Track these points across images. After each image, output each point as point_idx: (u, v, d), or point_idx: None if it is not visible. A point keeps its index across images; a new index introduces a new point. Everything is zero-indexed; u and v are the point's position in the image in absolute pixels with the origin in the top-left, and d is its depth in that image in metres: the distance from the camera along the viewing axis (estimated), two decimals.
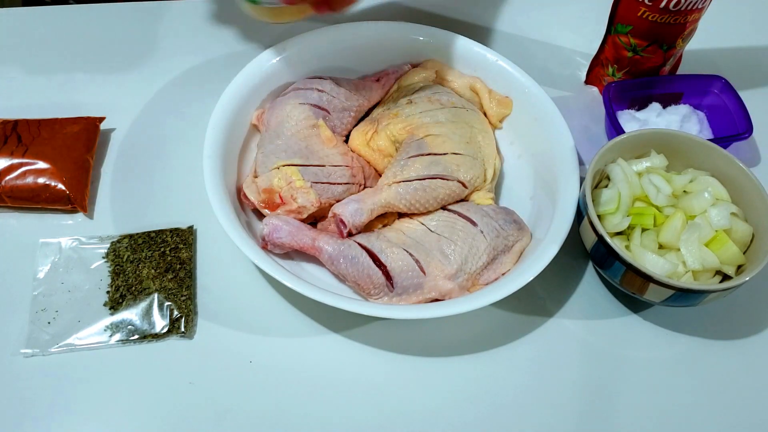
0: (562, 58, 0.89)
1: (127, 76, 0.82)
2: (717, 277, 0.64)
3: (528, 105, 0.75)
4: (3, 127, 0.71)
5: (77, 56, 0.83)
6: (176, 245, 0.68)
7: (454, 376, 0.64)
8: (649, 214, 0.65)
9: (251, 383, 0.62)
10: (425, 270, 0.63)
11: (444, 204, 0.68)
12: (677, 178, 0.68)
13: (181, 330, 0.64)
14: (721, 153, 0.67)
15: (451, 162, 0.68)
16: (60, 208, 0.70)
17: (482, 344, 0.66)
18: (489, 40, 0.80)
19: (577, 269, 0.71)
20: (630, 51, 0.78)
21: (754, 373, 0.66)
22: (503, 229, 0.66)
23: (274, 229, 0.65)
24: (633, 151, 0.70)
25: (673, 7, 0.72)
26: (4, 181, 0.68)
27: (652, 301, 0.64)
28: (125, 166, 0.75)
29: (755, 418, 0.63)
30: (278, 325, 0.66)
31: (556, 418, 0.62)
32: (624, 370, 0.65)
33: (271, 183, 0.67)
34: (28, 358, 0.62)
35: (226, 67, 0.79)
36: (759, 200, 0.65)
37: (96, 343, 0.63)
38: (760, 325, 0.69)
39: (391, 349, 0.65)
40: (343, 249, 0.64)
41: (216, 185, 0.65)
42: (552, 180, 0.70)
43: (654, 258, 0.63)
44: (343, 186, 0.68)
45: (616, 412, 0.63)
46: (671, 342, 0.67)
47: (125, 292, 0.65)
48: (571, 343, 0.66)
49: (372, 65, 0.79)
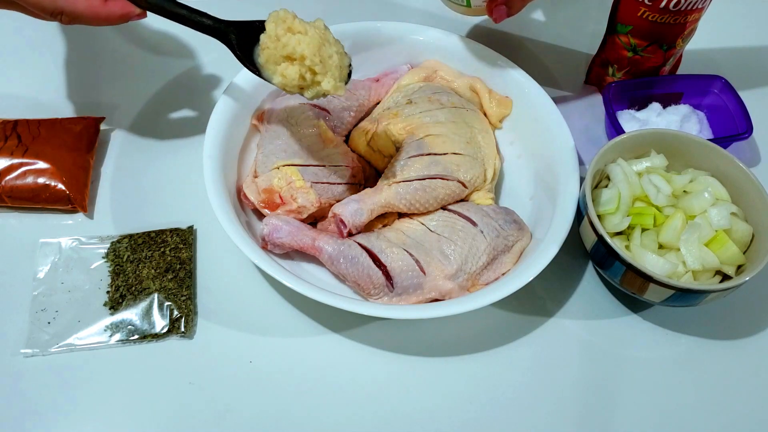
0: (562, 58, 0.89)
1: (127, 76, 0.82)
2: (717, 277, 0.64)
3: (528, 105, 0.75)
4: (3, 127, 0.71)
5: (77, 56, 0.83)
6: (176, 245, 0.68)
7: (454, 376, 0.64)
8: (649, 214, 0.65)
9: (251, 383, 0.62)
10: (425, 270, 0.63)
11: (444, 204, 0.68)
12: (677, 178, 0.68)
13: (181, 330, 0.64)
14: (721, 153, 0.67)
15: (451, 162, 0.68)
16: (60, 208, 0.70)
17: (482, 344, 0.66)
18: (489, 40, 0.80)
19: (577, 269, 0.71)
20: (630, 51, 0.78)
21: (754, 373, 0.66)
22: (503, 229, 0.66)
23: (274, 229, 0.65)
24: (633, 151, 0.70)
25: (673, 7, 0.72)
26: (4, 181, 0.68)
27: (652, 301, 0.64)
28: (125, 166, 0.75)
29: (755, 418, 0.63)
30: (278, 325, 0.66)
31: (556, 418, 0.62)
32: (624, 370, 0.65)
33: (271, 183, 0.67)
34: (28, 358, 0.62)
35: (226, 67, 0.79)
36: (759, 200, 0.65)
37: (96, 343, 0.63)
38: (760, 325, 0.69)
39: (391, 349, 0.65)
40: (343, 249, 0.64)
41: (216, 185, 0.65)
42: (552, 180, 0.70)
43: (654, 258, 0.63)
44: (343, 186, 0.68)
45: (616, 412, 0.63)
46: (671, 342, 0.67)
47: (125, 292, 0.65)
48: (571, 343, 0.66)
49: (372, 65, 0.79)
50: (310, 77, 0.60)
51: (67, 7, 0.58)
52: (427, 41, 0.78)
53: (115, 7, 0.60)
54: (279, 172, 0.67)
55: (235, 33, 0.63)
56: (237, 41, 0.62)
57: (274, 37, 0.60)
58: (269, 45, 0.60)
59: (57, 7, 0.58)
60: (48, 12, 0.59)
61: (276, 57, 0.60)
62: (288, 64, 0.60)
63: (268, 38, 0.60)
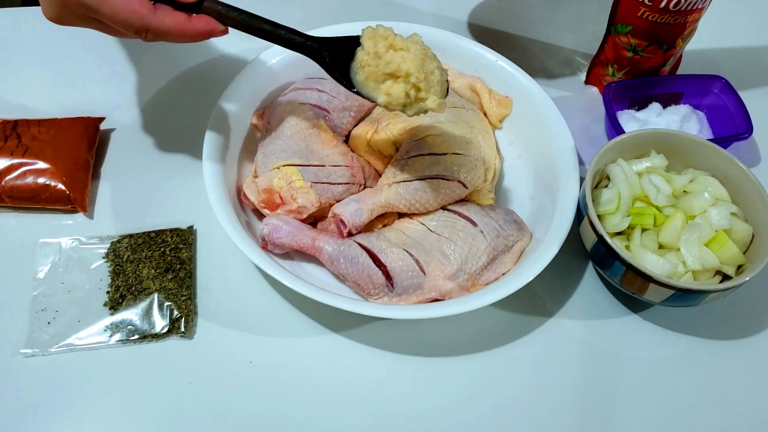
0: (562, 58, 0.89)
1: (127, 76, 0.82)
2: (717, 277, 0.64)
3: (528, 105, 0.75)
4: (3, 127, 0.71)
5: (77, 56, 0.84)
6: (176, 245, 0.68)
7: (454, 376, 0.64)
8: (649, 214, 0.65)
9: (251, 383, 0.62)
10: (425, 270, 0.63)
11: (444, 204, 0.68)
12: (677, 178, 0.68)
13: (181, 330, 0.64)
14: (721, 153, 0.67)
15: (452, 162, 0.68)
16: (60, 208, 0.70)
17: (482, 344, 0.66)
18: (489, 40, 0.80)
19: (577, 269, 0.71)
20: (630, 51, 0.79)
21: (754, 373, 0.66)
22: (503, 229, 0.66)
23: (274, 229, 0.65)
24: (633, 151, 0.70)
25: (673, 7, 0.72)
26: (4, 181, 0.68)
27: (652, 301, 0.64)
28: (125, 166, 0.75)
29: (755, 418, 0.63)
30: (278, 325, 0.66)
31: (556, 418, 0.62)
32: (624, 370, 0.65)
33: (271, 183, 0.67)
34: (28, 358, 0.62)
35: (226, 67, 0.79)
36: (759, 200, 0.65)
37: (96, 343, 0.63)
38: (760, 325, 0.69)
39: (391, 349, 0.65)
40: (343, 249, 0.64)
41: (216, 185, 0.65)
42: (552, 180, 0.70)
43: (654, 258, 0.63)
44: (343, 186, 0.68)
45: (616, 412, 0.63)
46: (671, 342, 0.67)
47: (125, 292, 0.65)
48: (571, 343, 0.66)
49: None
50: (414, 94, 0.58)
51: (154, 25, 0.56)
52: (427, 41, 0.78)
53: (200, 24, 0.58)
54: (279, 172, 0.67)
55: (328, 50, 0.61)
56: (330, 59, 0.60)
57: (374, 55, 0.58)
58: (370, 62, 0.58)
59: (144, 24, 0.56)
60: (134, 30, 0.56)
61: (378, 75, 0.58)
62: (392, 82, 0.58)
63: (367, 55, 0.58)
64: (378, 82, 0.59)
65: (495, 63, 0.77)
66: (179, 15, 0.57)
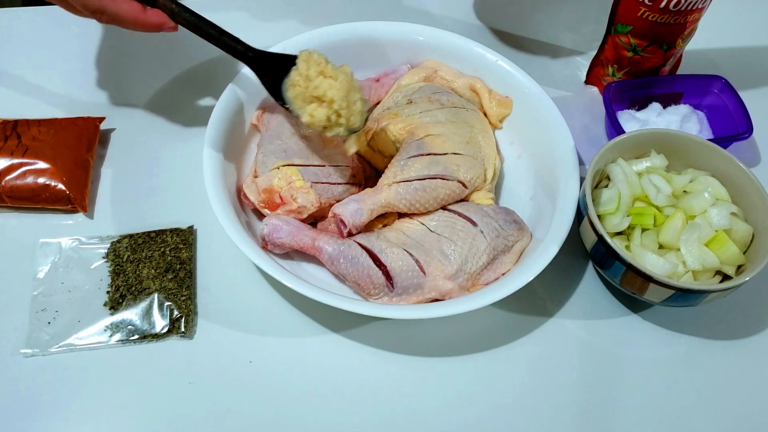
0: (562, 58, 0.89)
1: (127, 76, 0.82)
2: (717, 277, 0.64)
3: (528, 105, 0.75)
4: (3, 127, 0.71)
5: (77, 56, 0.84)
6: (176, 245, 0.68)
7: (454, 376, 0.64)
8: (649, 214, 0.65)
9: (251, 383, 0.62)
10: (425, 270, 0.63)
11: (444, 204, 0.68)
12: (677, 178, 0.68)
13: (181, 330, 0.64)
14: (721, 153, 0.67)
15: (451, 162, 0.68)
16: (60, 208, 0.70)
17: (482, 344, 0.66)
18: (489, 40, 0.80)
19: (577, 269, 0.71)
20: (630, 51, 0.78)
21: (754, 373, 0.66)
22: (503, 229, 0.66)
23: (274, 229, 0.65)
24: (633, 151, 0.70)
25: (673, 7, 0.72)
26: (4, 181, 0.68)
27: (652, 301, 0.64)
28: (125, 166, 0.75)
29: (755, 418, 0.63)
30: (278, 325, 0.66)
31: (556, 418, 0.62)
32: (624, 370, 0.65)
33: (271, 183, 0.67)
34: (28, 358, 0.62)
35: (226, 67, 0.79)
36: (759, 200, 0.65)
37: (96, 343, 0.63)
38: (760, 325, 0.69)
39: (391, 349, 0.65)
40: (343, 249, 0.64)
41: (216, 185, 0.65)
42: (552, 180, 0.70)
43: (654, 258, 0.63)
44: (343, 186, 0.68)
45: (616, 412, 0.63)
46: (671, 342, 0.67)
47: (125, 292, 0.65)
48: (571, 343, 0.66)
49: (372, 65, 0.79)
50: (335, 119, 0.63)
51: (110, 8, 0.61)
52: (427, 41, 0.78)
53: (153, 17, 0.63)
54: (279, 172, 0.67)
55: (265, 64, 0.66)
56: (266, 71, 0.66)
57: (305, 77, 0.63)
58: (301, 83, 0.63)
59: (101, 6, 0.61)
60: (90, 9, 0.61)
61: (306, 96, 0.63)
62: (317, 106, 0.63)
63: (299, 76, 0.63)
64: (305, 102, 0.64)
65: (495, 63, 0.77)
66: (135, 5, 0.62)
